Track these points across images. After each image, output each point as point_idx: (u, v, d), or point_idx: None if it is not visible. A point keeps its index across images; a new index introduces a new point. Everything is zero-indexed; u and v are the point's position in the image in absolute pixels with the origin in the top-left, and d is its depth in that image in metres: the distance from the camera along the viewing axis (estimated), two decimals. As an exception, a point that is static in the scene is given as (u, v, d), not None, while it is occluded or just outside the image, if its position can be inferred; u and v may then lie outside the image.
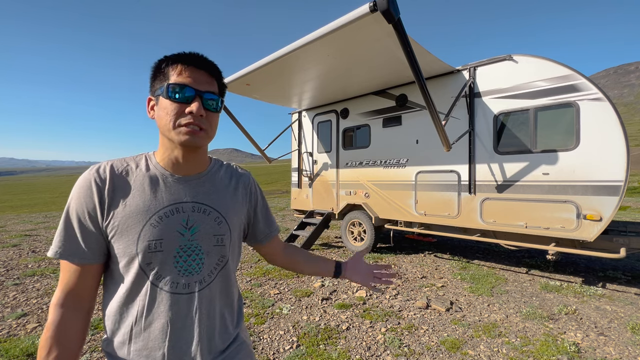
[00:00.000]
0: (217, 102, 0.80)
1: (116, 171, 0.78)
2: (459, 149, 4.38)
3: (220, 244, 0.84)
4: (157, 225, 0.76)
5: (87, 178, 0.75)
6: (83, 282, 0.75)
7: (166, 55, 0.78)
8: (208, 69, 0.79)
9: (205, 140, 0.80)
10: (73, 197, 0.75)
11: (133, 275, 0.75)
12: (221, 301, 0.85)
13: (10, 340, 2.56)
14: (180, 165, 0.82)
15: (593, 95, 3.49)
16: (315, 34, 3.28)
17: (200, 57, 0.78)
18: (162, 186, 0.80)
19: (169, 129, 0.76)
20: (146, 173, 0.80)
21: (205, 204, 0.83)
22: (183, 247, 0.78)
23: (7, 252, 5.43)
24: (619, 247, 3.51)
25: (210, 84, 0.79)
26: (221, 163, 0.96)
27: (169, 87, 0.74)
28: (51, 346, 0.70)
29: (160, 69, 0.77)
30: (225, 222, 0.85)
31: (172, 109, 0.75)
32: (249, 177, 0.99)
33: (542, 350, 2.48)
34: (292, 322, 2.97)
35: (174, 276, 0.77)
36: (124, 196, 0.76)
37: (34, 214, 12.54)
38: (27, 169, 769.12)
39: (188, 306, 0.78)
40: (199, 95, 0.76)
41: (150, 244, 0.75)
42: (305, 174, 6.77)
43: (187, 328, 0.78)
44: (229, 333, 0.88)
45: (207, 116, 0.78)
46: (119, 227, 0.74)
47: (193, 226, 0.80)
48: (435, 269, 4.70)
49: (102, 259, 0.77)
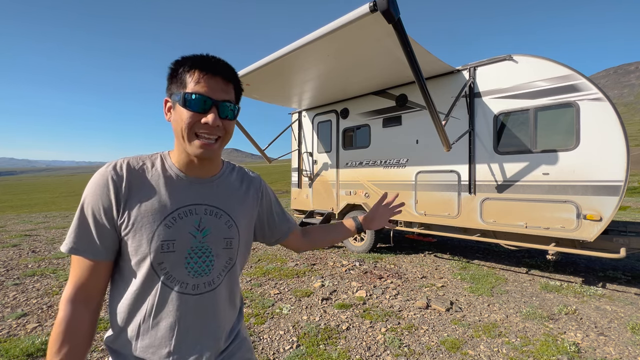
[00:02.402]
0: (234, 111, 0.80)
1: (133, 169, 0.79)
2: (459, 149, 4.38)
3: (229, 247, 0.85)
4: (171, 225, 0.77)
5: (104, 175, 0.75)
6: (94, 278, 0.76)
7: (183, 56, 0.76)
8: (224, 74, 0.78)
9: (219, 150, 0.81)
10: (89, 193, 0.75)
11: (144, 274, 0.75)
12: (226, 302, 0.87)
13: (10, 340, 2.55)
14: (195, 168, 0.83)
15: (593, 95, 3.49)
16: (315, 34, 3.28)
17: (216, 62, 0.77)
18: (177, 187, 0.81)
19: (184, 138, 0.76)
20: (162, 173, 0.81)
21: (218, 207, 0.85)
22: (194, 248, 0.79)
23: (7, 252, 5.42)
24: (619, 247, 3.50)
25: (226, 91, 0.78)
26: (233, 166, 0.97)
27: (186, 96, 0.74)
28: (62, 342, 0.71)
29: (177, 74, 0.76)
30: (235, 225, 0.87)
31: (188, 117, 0.74)
32: (259, 181, 1.01)
33: (542, 350, 2.48)
34: (292, 322, 2.97)
35: (184, 277, 0.78)
36: (140, 195, 0.77)
37: (34, 214, 12.54)
38: (27, 169, 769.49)
39: (196, 307, 0.79)
40: (215, 105, 0.75)
41: (163, 244, 0.75)
42: (305, 174, 6.77)
43: (194, 328, 0.80)
44: (232, 331, 0.90)
45: (223, 124, 0.78)
46: (133, 225, 0.75)
47: (205, 228, 0.81)
48: (435, 269, 4.70)
49: (114, 256, 0.78)
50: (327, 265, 4.82)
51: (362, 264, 4.90)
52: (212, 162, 0.86)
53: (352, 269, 4.61)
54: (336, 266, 4.78)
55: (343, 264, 4.88)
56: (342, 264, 4.85)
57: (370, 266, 4.77)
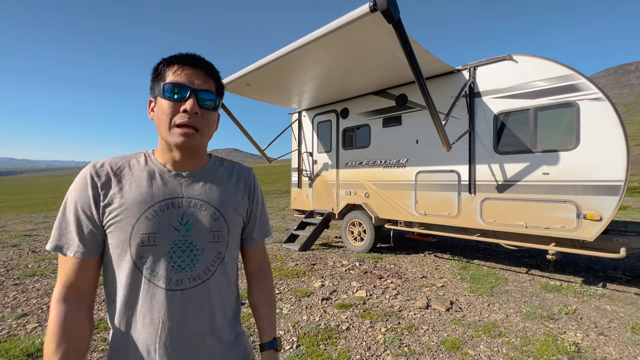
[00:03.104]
0: (214, 101, 0.81)
1: (114, 166, 0.79)
2: (459, 149, 4.38)
3: (216, 241, 0.82)
4: (152, 218, 0.76)
5: (84, 172, 0.77)
6: (82, 276, 0.75)
7: (164, 57, 0.79)
8: (204, 68, 0.80)
9: (200, 141, 0.80)
10: (70, 191, 0.76)
11: (127, 269, 0.75)
12: (217, 299, 0.83)
13: (10, 340, 2.55)
14: (178, 163, 0.83)
15: (593, 95, 3.49)
16: (315, 34, 3.28)
17: (195, 57, 0.80)
18: (159, 180, 0.81)
19: (165, 129, 0.77)
20: (144, 168, 0.81)
21: (201, 199, 0.83)
22: (177, 242, 0.77)
23: (7, 252, 5.42)
24: (619, 247, 3.51)
25: (206, 82, 0.80)
26: (221, 160, 0.96)
27: (165, 86, 0.76)
28: (57, 342, 0.70)
29: (158, 71, 0.79)
30: (222, 218, 0.84)
31: (168, 107, 0.76)
32: (249, 174, 0.97)
33: (542, 350, 2.48)
34: (292, 322, 2.97)
35: (168, 272, 0.76)
36: (121, 190, 0.77)
37: (34, 214, 12.54)
38: (27, 169, 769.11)
39: (182, 303, 0.77)
40: (193, 93, 0.77)
41: (144, 238, 0.74)
42: (305, 174, 6.77)
43: (180, 325, 0.77)
44: (225, 333, 0.85)
45: (203, 114, 0.79)
46: (114, 219, 0.75)
47: (189, 222, 0.79)
48: (435, 269, 4.70)
49: (98, 252, 0.77)
50: (327, 265, 4.82)
51: (362, 264, 4.90)
52: (195, 155, 0.85)
53: (352, 269, 4.61)
54: (336, 266, 4.78)
55: (343, 264, 4.88)
56: (342, 264, 4.85)
57: (370, 266, 4.78)
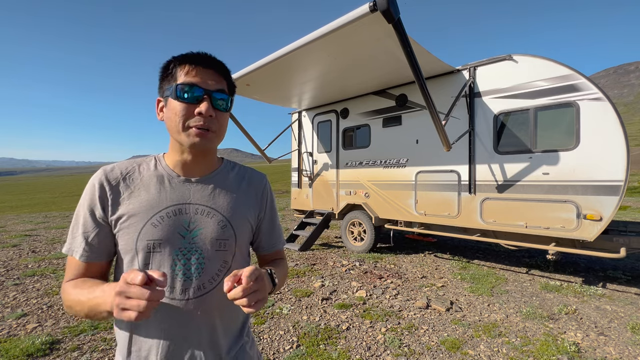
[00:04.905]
0: (227, 102, 0.79)
1: (123, 171, 0.79)
2: (459, 149, 4.38)
3: (222, 249, 0.80)
4: (157, 225, 0.75)
5: (94, 178, 0.77)
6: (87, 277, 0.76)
7: (174, 55, 0.77)
8: (216, 68, 0.78)
9: (214, 142, 0.79)
10: (82, 197, 0.77)
11: None
12: (223, 310, 0.80)
13: (10, 340, 2.55)
14: (188, 167, 0.82)
15: (593, 95, 3.49)
16: (315, 34, 3.28)
17: (207, 56, 0.77)
18: (167, 186, 0.79)
19: (178, 130, 0.75)
20: (153, 173, 0.80)
21: (209, 206, 0.81)
22: (183, 249, 0.76)
23: (7, 252, 5.43)
24: (619, 246, 3.50)
25: (219, 82, 0.77)
26: (234, 164, 0.93)
27: (178, 87, 0.73)
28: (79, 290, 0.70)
29: (168, 70, 0.76)
30: (230, 226, 0.82)
31: (181, 109, 0.73)
32: (262, 180, 0.94)
33: (542, 350, 2.48)
34: (292, 322, 2.97)
35: (172, 280, 0.75)
36: (129, 195, 0.77)
37: (34, 214, 12.54)
38: (27, 169, 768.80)
39: (185, 313, 0.75)
40: (207, 94, 0.74)
41: (149, 244, 0.74)
42: (305, 174, 6.77)
43: (183, 336, 0.75)
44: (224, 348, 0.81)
45: (217, 116, 0.76)
46: (122, 225, 0.75)
47: (195, 229, 0.78)
48: (435, 269, 4.70)
49: (106, 257, 0.77)
50: (327, 265, 4.82)
51: (362, 264, 4.90)
52: (207, 158, 0.84)
53: (352, 269, 4.61)
54: (336, 266, 4.78)
55: (343, 264, 4.88)
56: (342, 264, 4.85)
57: (370, 266, 4.77)
